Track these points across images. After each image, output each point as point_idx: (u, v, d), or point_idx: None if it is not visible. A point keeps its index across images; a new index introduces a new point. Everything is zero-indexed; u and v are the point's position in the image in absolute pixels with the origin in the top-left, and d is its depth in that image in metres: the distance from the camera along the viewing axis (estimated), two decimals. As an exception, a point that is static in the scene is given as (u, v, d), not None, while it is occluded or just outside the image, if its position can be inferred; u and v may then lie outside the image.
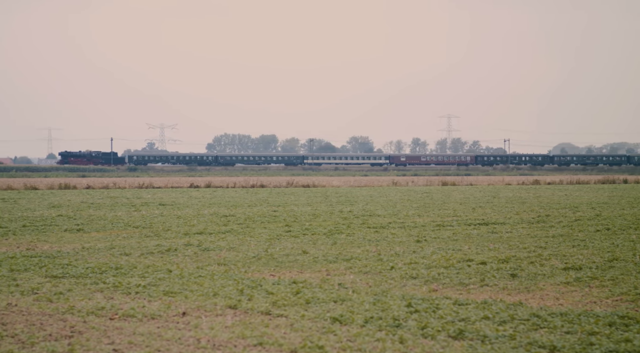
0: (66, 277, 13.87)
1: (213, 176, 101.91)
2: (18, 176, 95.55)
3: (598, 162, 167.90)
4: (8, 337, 9.30)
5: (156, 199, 40.63)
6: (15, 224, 24.71)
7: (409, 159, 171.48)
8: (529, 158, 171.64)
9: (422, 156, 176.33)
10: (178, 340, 9.31)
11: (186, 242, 19.53)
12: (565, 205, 35.11)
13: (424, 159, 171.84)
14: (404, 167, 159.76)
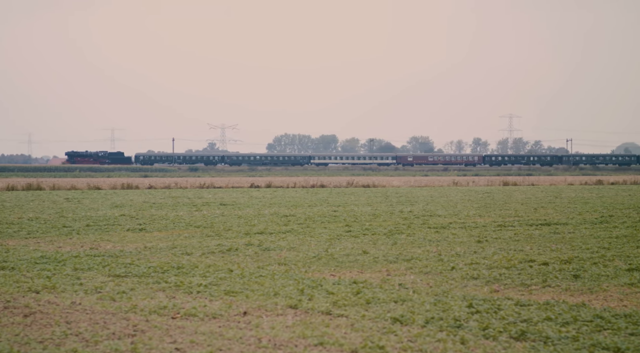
0: (129, 276, 14.01)
1: (273, 176, 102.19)
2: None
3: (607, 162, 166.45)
4: (72, 335, 9.42)
5: (217, 199, 40.87)
6: (79, 224, 25.04)
7: (416, 159, 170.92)
8: (538, 158, 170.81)
9: (430, 156, 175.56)
10: (239, 340, 9.35)
11: (247, 242, 19.61)
12: (629, 205, 34.62)
13: (431, 159, 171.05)
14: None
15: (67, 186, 56.73)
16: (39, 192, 50.63)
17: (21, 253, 17.31)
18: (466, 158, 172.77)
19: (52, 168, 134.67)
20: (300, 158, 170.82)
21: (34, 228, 23.35)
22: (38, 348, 8.76)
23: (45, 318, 10.31)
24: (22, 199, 40.43)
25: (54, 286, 12.79)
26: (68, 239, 20.61)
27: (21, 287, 12.69)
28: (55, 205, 35.39)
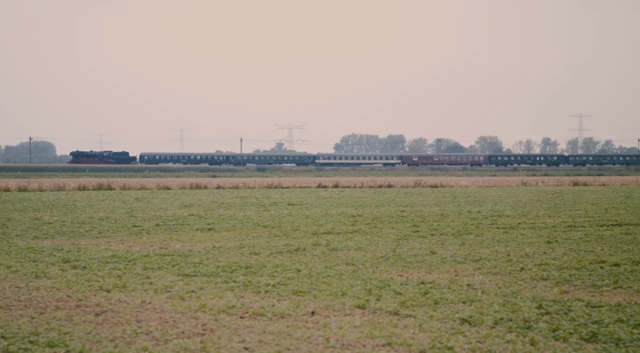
0: (198, 276, 14.13)
1: (340, 176, 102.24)
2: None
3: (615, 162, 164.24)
4: (143, 334, 9.53)
5: (285, 199, 41.02)
6: (149, 223, 25.33)
7: (421, 159, 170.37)
8: (544, 158, 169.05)
9: (435, 156, 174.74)
10: (307, 339, 9.37)
11: (314, 242, 19.65)
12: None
13: (436, 159, 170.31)
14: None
15: (137, 186, 57.45)
16: (109, 191, 51.35)
17: (92, 252, 17.56)
18: (472, 158, 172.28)
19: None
20: (305, 158, 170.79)
21: (104, 228, 23.69)
22: (109, 347, 8.88)
23: (116, 317, 10.45)
24: (93, 199, 41.05)
25: (125, 285, 12.96)
26: (138, 238, 20.87)
27: (93, 286, 12.88)
28: (125, 204, 35.86)
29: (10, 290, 12.45)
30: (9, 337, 9.22)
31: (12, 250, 17.91)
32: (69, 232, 22.60)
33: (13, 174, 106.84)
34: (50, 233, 22.02)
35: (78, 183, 57.39)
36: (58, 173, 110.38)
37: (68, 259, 16.21)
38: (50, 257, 16.70)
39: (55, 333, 9.44)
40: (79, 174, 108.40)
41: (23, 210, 31.34)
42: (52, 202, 37.90)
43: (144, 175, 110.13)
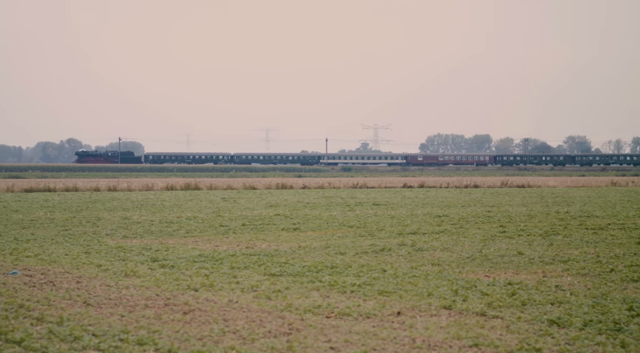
0: (284, 275, 14.20)
1: (425, 176, 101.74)
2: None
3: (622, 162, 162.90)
4: (230, 333, 9.61)
5: (370, 199, 40.99)
6: (236, 223, 25.55)
7: (426, 159, 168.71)
8: (550, 158, 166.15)
9: (440, 156, 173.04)
10: (393, 340, 9.35)
11: (400, 242, 19.59)
12: None
13: (442, 159, 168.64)
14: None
15: (224, 186, 57.99)
16: (196, 191, 51.94)
17: (180, 251, 17.79)
18: (477, 158, 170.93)
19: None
20: (310, 157, 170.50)
21: (192, 227, 23.97)
22: (197, 345, 8.98)
23: (203, 316, 10.56)
24: (180, 199, 41.58)
25: (212, 284, 13.09)
26: (225, 238, 21.06)
27: (180, 285, 13.04)
28: (212, 204, 36.23)
29: (101, 289, 12.68)
30: (100, 334, 9.39)
31: (102, 249, 18.25)
32: (157, 231, 22.94)
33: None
34: (139, 233, 22.38)
35: (166, 183, 58.20)
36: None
37: (157, 258, 16.45)
38: (139, 256, 16.97)
39: (145, 331, 9.59)
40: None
41: (113, 210, 31.91)
42: (140, 201, 38.51)
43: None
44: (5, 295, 11.93)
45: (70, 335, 9.31)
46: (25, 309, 10.85)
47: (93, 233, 22.25)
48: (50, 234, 21.83)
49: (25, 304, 11.14)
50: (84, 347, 8.84)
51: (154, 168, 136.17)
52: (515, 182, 67.62)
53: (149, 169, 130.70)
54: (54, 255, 17.08)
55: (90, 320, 10.16)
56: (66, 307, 11.06)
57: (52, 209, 32.23)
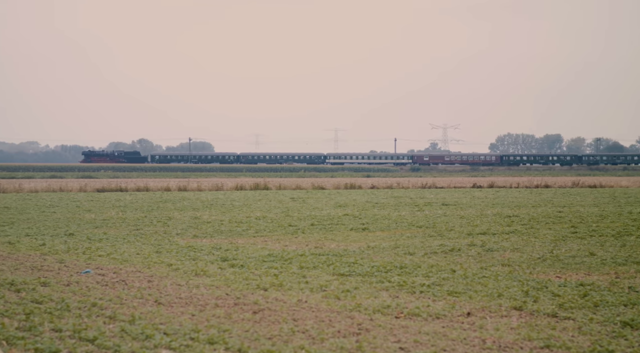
0: (352, 275, 14.20)
1: (496, 176, 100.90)
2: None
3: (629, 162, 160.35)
4: (299, 333, 9.64)
5: (439, 199, 40.80)
6: (304, 223, 25.62)
7: (432, 159, 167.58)
8: (557, 158, 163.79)
9: (446, 155, 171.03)
10: (463, 341, 9.29)
11: (469, 242, 19.46)
12: None
13: (448, 159, 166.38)
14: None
15: (293, 186, 58.22)
16: (265, 191, 52.23)
17: (250, 251, 17.89)
18: (484, 157, 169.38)
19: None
20: (316, 157, 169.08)
21: (261, 227, 24.10)
22: (267, 345, 9.02)
23: (273, 315, 10.60)
24: (250, 198, 41.83)
25: (281, 284, 13.14)
26: (294, 238, 21.14)
27: (250, 284, 13.12)
28: (281, 204, 36.39)
29: (172, 288, 12.82)
30: (171, 333, 9.49)
31: (173, 248, 18.45)
32: (227, 231, 23.11)
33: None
34: (209, 232, 22.57)
35: (235, 183, 58.62)
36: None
37: (226, 258, 16.56)
38: (209, 255, 17.12)
39: (215, 330, 9.66)
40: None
41: (183, 210, 32.24)
42: (210, 201, 38.83)
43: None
44: (78, 294, 12.13)
45: (142, 333, 9.42)
46: (98, 308, 11.02)
47: (164, 232, 22.50)
48: (122, 234, 22.13)
49: (98, 303, 11.31)
50: (156, 345, 8.94)
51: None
52: (587, 182, 66.78)
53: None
54: (126, 254, 17.32)
55: (162, 319, 10.27)
56: (138, 306, 11.20)
57: (124, 209, 32.68)
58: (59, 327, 9.71)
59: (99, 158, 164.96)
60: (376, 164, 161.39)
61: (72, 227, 24.06)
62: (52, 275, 14.19)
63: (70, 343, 8.97)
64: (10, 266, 15.29)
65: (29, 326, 9.75)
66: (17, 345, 8.82)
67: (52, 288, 12.63)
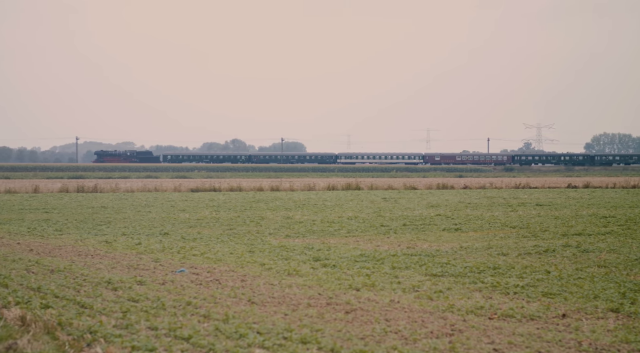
0: (445, 276, 14.12)
1: (591, 176, 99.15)
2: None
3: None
4: (392, 333, 9.62)
5: (533, 199, 40.31)
6: (396, 223, 25.57)
7: (443, 159, 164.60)
8: (570, 158, 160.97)
9: (457, 155, 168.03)
10: (558, 342, 9.16)
11: (564, 243, 19.17)
12: None
13: (459, 159, 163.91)
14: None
15: (384, 186, 58.15)
16: (357, 191, 52.29)
17: (342, 251, 17.93)
18: (495, 157, 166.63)
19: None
20: (327, 157, 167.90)
21: (353, 227, 24.13)
22: (359, 345, 9.02)
23: (365, 315, 10.61)
24: (341, 198, 41.92)
25: (373, 284, 13.13)
26: (386, 238, 21.11)
27: (342, 284, 13.14)
28: (373, 204, 36.39)
29: (265, 287, 12.91)
30: (264, 332, 9.56)
31: (265, 248, 18.59)
32: (319, 230, 23.19)
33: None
34: (301, 232, 22.68)
35: (327, 183, 58.82)
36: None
37: (319, 257, 16.63)
38: (302, 255, 17.20)
39: (308, 330, 9.70)
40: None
41: (275, 209, 32.47)
42: (302, 201, 39.03)
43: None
44: (173, 293, 12.31)
45: (236, 332, 9.51)
46: (193, 306, 11.16)
47: (257, 232, 22.69)
48: (216, 233, 22.39)
49: (192, 301, 11.46)
50: (249, 344, 9.02)
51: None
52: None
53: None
54: (220, 253, 17.51)
55: (255, 318, 10.36)
56: (231, 305, 11.31)
57: (218, 209, 33.07)
58: (155, 325, 9.87)
59: (111, 158, 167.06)
60: (387, 164, 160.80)
61: (167, 227, 24.45)
62: (148, 274, 14.43)
63: (166, 342, 9.10)
64: (107, 265, 15.61)
65: (126, 324, 9.93)
66: (115, 343, 8.99)
67: (148, 287, 12.85)
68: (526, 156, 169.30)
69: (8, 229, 23.66)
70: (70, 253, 17.65)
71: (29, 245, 19.27)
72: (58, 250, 18.37)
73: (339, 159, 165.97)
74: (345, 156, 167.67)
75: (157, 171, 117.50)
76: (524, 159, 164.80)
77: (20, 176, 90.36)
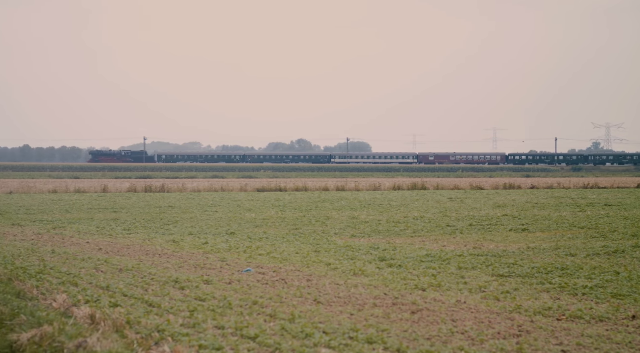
0: (512, 277, 14.00)
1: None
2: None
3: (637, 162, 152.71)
4: (458, 333, 9.57)
5: (602, 200, 39.78)
6: (462, 223, 25.42)
7: (437, 159, 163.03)
8: (564, 158, 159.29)
9: (451, 155, 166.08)
10: (628, 344, 9.04)
11: (634, 244, 18.90)
12: None
13: (453, 159, 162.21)
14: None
15: (451, 186, 57.85)
16: (423, 191, 52.10)
17: (408, 251, 17.87)
18: (489, 157, 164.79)
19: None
20: (322, 157, 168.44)
21: (419, 227, 24.04)
22: (426, 345, 8.99)
23: (431, 316, 10.56)
24: (407, 199, 41.80)
25: (440, 284, 13.07)
26: (452, 238, 20.99)
27: (408, 285, 13.10)
28: (439, 204, 36.22)
29: (331, 287, 12.93)
30: (330, 332, 9.57)
31: (331, 248, 18.60)
32: (384, 231, 23.15)
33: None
34: (367, 232, 22.66)
35: (393, 184, 58.71)
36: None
37: (384, 258, 16.59)
38: (367, 255, 17.18)
39: (374, 330, 9.69)
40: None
41: (341, 209, 32.49)
42: (368, 201, 39.00)
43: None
44: (240, 292, 12.38)
45: (302, 332, 9.54)
46: (259, 306, 11.22)
47: (322, 232, 22.72)
48: (282, 233, 22.47)
49: (258, 301, 11.52)
50: (315, 344, 9.04)
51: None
52: None
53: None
54: (285, 253, 17.57)
55: (321, 318, 10.37)
56: (298, 305, 11.35)
57: (283, 208, 33.19)
58: (222, 325, 9.94)
59: (106, 158, 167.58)
60: (382, 164, 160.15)
61: (234, 227, 24.60)
62: (215, 273, 14.54)
63: (233, 341, 9.16)
64: (175, 264, 15.77)
65: (193, 323, 10.02)
66: (182, 342, 9.07)
67: (215, 286, 12.94)
68: (520, 155, 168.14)
69: (78, 229, 24.02)
70: (139, 253, 17.86)
71: (98, 245, 19.54)
72: (126, 249, 18.60)
73: (334, 159, 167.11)
74: (340, 156, 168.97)
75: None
76: (518, 159, 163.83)
77: (89, 176, 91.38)
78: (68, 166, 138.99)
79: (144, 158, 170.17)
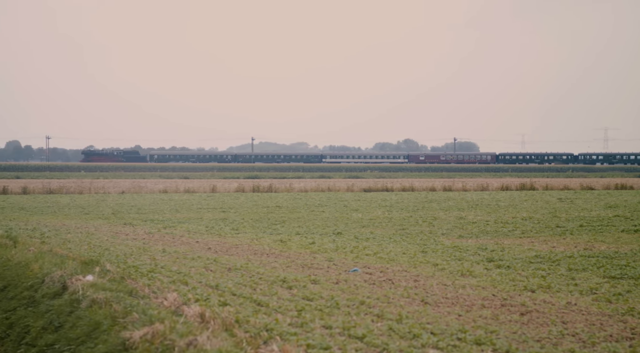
0: (624, 278, 13.71)
1: None
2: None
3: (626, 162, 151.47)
4: (569, 336, 9.41)
5: None
6: (572, 224, 24.99)
7: (428, 158, 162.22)
8: (554, 157, 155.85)
9: (442, 155, 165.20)
10: None
11: None
12: None
13: (443, 158, 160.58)
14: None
15: (560, 186, 56.95)
16: (532, 192, 51.43)
17: (516, 252, 17.66)
18: (480, 157, 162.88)
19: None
20: (313, 157, 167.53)
21: (527, 228, 23.73)
22: (535, 347, 8.86)
23: (541, 317, 10.41)
24: (515, 199, 41.31)
25: (549, 285, 12.88)
26: (561, 239, 20.66)
27: (517, 286, 12.94)
28: (547, 205, 35.69)
29: (438, 288, 12.86)
30: (438, 333, 9.52)
31: (438, 248, 18.51)
32: (492, 231, 22.91)
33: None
34: (475, 233, 22.46)
35: (501, 184, 58.10)
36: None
37: (492, 258, 16.43)
38: (475, 255, 17.04)
39: (482, 331, 9.60)
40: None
41: (448, 210, 32.30)
42: (475, 201, 38.69)
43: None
44: (347, 292, 12.42)
45: (409, 332, 9.51)
46: (366, 306, 11.23)
47: (429, 232, 22.62)
48: (388, 233, 22.45)
49: (365, 301, 11.53)
50: (423, 344, 9.00)
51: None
52: None
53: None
54: (392, 253, 17.55)
55: (428, 319, 10.32)
56: (405, 305, 11.32)
57: (390, 208, 33.16)
58: (329, 324, 9.97)
59: (98, 157, 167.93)
60: (372, 163, 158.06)
61: (340, 226, 24.68)
62: (322, 273, 14.61)
63: (340, 341, 9.18)
64: (282, 264, 15.90)
65: (301, 322, 10.08)
66: (290, 341, 9.13)
67: (322, 286, 13.00)
68: (510, 155, 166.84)
69: (187, 228, 24.43)
70: (247, 252, 18.07)
71: (207, 244, 19.84)
72: (235, 248, 18.84)
73: (325, 158, 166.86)
74: (331, 156, 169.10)
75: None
76: (508, 158, 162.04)
77: (198, 176, 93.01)
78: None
79: (136, 157, 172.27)
